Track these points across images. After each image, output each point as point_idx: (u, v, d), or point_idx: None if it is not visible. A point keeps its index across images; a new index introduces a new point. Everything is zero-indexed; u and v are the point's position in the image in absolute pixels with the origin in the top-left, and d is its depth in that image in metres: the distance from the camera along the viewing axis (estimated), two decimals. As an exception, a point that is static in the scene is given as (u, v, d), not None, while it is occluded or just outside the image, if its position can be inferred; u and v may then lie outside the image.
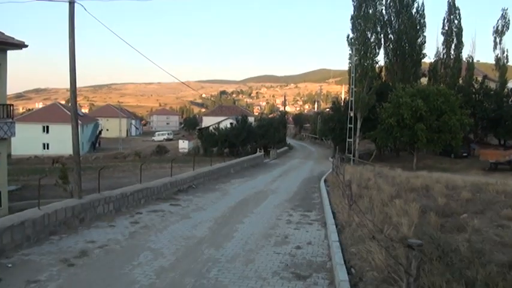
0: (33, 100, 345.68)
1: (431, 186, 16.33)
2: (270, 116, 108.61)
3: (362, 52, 41.15)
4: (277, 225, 11.55)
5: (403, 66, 47.65)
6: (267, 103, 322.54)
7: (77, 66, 11.22)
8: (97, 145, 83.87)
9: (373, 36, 42.35)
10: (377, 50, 42.99)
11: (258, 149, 38.95)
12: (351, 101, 37.95)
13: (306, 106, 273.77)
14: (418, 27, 47.74)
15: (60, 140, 70.66)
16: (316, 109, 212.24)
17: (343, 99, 47.56)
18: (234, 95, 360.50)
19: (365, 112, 40.56)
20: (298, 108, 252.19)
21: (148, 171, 34.44)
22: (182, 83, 27.37)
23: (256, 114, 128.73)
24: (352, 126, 37.73)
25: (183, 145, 69.50)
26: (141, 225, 10.94)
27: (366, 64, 41.28)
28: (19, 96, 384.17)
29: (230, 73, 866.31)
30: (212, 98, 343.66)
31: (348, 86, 44.81)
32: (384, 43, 47.25)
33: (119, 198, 12.47)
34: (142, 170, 16.39)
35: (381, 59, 47.68)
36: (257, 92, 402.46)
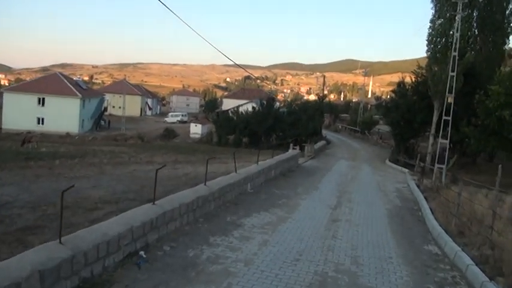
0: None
1: None
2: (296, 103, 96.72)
3: (447, 14, 28.39)
4: None
5: (490, 41, 34.69)
6: (291, 91, 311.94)
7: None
8: (102, 123, 73.96)
9: (463, -8, 29.34)
10: (467, 12, 30.17)
11: (291, 144, 26.49)
12: (451, 76, 24.71)
13: (332, 96, 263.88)
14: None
15: (57, 115, 60.24)
16: (342, 99, 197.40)
17: (413, 79, 34.31)
18: (258, 81, 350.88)
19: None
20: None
21: (128, 166, 23.30)
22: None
23: (281, 100, 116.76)
24: (450, 118, 24.55)
25: (195, 130, 58.64)
26: None
27: (451, 32, 28.45)
28: (44, 70, 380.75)
29: (256, 59, 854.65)
30: (236, 83, 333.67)
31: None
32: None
33: None
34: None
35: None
36: (282, 79, 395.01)
